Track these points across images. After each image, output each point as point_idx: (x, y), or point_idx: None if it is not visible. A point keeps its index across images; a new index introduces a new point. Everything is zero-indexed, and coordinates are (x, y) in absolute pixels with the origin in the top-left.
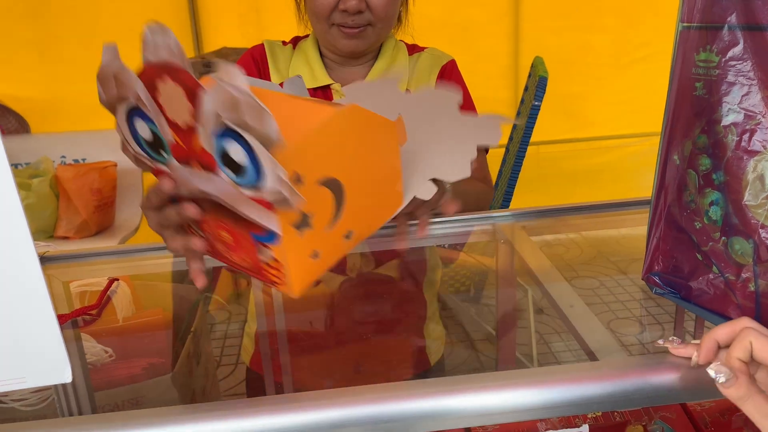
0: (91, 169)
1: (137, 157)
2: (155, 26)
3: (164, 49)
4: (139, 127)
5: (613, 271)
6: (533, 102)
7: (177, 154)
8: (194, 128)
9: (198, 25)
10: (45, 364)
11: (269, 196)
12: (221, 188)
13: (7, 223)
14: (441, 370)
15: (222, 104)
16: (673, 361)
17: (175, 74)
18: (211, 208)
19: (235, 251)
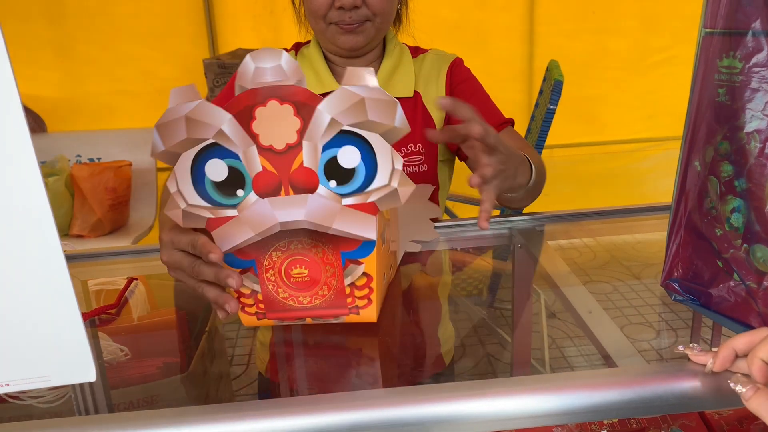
0: (106, 168)
1: (188, 211)
2: (261, 52)
3: (271, 72)
4: (212, 169)
5: (627, 276)
6: (548, 105)
7: (262, 185)
8: (297, 146)
9: (213, 27)
10: (69, 363)
11: (380, 192)
12: (316, 208)
13: (34, 222)
14: (453, 372)
15: (343, 109)
16: (693, 368)
17: (285, 93)
18: (284, 247)
19: (308, 289)
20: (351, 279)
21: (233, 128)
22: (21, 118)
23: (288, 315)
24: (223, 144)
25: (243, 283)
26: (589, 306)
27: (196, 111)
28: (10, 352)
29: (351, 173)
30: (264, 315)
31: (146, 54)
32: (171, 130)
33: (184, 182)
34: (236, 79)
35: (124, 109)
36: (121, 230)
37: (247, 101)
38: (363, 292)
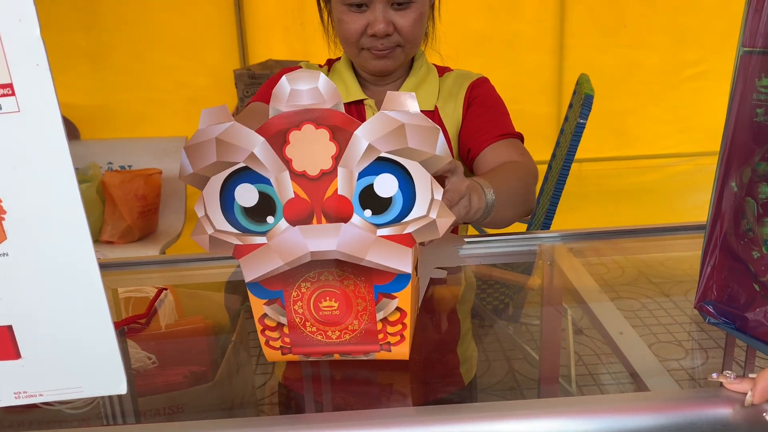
0: (136, 175)
1: (216, 237)
2: (298, 74)
3: (308, 95)
4: (242, 194)
5: (656, 293)
6: (578, 120)
7: (293, 212)
8: (331, 173)
9: (245, 38)
10: (101, 375)
11: (418, 224)
12: (349, 238)
13: (72, 238)
14: (474, 390)
15: (382, 135)
16: (729, 395)
17: (321, 117)
18: (314, 278)
19: (338, 323)
20: (383, 314)
21: (265, 152)
22: (60, 131)
23: (315, 350)
24: (255, 168)
25: (267, 313)
26: (619, 325)
27: (228, 133)
28: (44, 363)
29: (387, 202)
30: (289, 350)
31: (178, 64)
32: (201, 152)
33: (212, 207)
34: (271, 101)
35: (156, 117)
36: (150, 237)
37: (281, 124)
38: (396, 328)
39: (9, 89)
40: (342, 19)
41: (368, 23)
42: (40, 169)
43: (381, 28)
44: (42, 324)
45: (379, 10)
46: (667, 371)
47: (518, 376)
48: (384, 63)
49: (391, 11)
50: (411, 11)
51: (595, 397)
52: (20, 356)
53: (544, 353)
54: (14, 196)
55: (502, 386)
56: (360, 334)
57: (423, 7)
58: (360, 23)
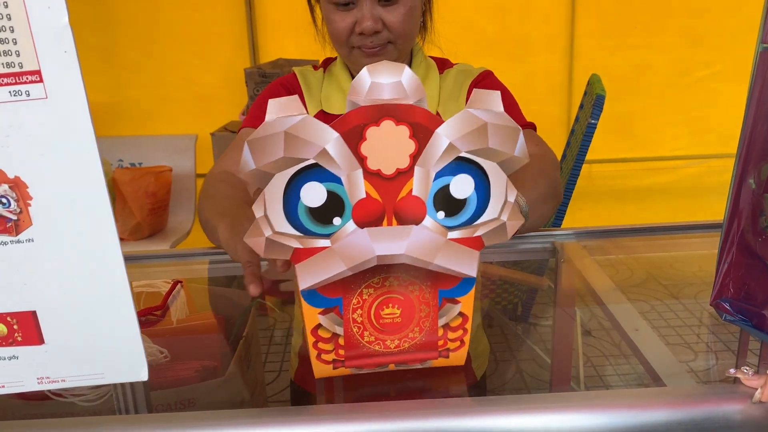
0: (147, 172)
1: (273, 240)
2: (379, 66)
3: (389, 89)
4: (308, 193)
5: (665, 296)
6: (589, 120)
7: (363, 214)
8: (407, 172)
9: (255, 36)
10: (123, 362)
11: (488, 226)
12: (418, 241)
13: (96, 225)
14: (486, 385)
15: (464, 134)
16: (746, 391)
17: (402, 113)
18: (378, 284)
19: (398, 332)
20: (446, 319)
21: (339, 149)
22: (87, 118)
23: (370, 362)
24: (325, 166)
25: (322, 324)
26: (635, 323)
27: (299, 127)
28: (67, 349)
29: (462, 204)
30: (342, 363)
31: (189, 61)
32: (266, 147)
33: (273, 206)
34: (349, 94)
35: (166, 115)
36: (160, 234)
37: (359, 119)
38: (456, 334)
39: (37, 76)
40: (330, 18)
41: (356, 21)
42: (66, 156)
43: (369, 26)
44: (65, 310)
45: (367, 7)
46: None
47: (525, 375)
48: (377, 61)
49: (379, 7)
50: (399, 6)
51: (611, 392)
52: (44, 342)
53: (557, 353)
54: (40, 183)
55: (512, 385)
56: (419, 342)
57: (413, 1)
58: (347, 21)
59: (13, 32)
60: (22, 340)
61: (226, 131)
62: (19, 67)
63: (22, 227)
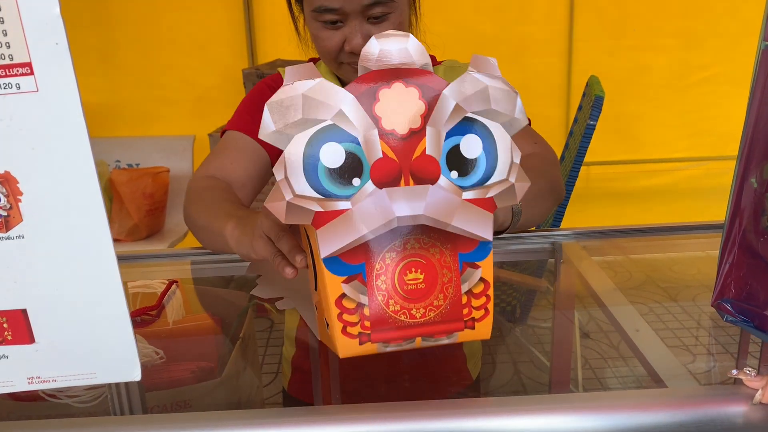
0: (144, 173)
1: (294, 204)
2: (387, 35)
3: (398, 54)
4: (327, 153)
5: (663, 298)
6: (588, 121)
7: (381, 173)
8: (420, 132)
9: (253, 37)
10: (116, 361)
11: (499, 187)
12: (436, 201)
13: (89, 221)
14: (481, 386)
15: (468, 95)
16: (748, 392)
17: (410, 75)
18: (400, 247)
19: (423, 298)
20: (468, 285)
21: (355, 109)
22: (79, 112)
23: (396, 335)
24: (343, 126)
25: (346, 293)
26: (636, 324)
27: (315, 89)
28: (58, 348)
29: (472, 164)
30: (368, 336)
31: (186, 62)
32: (285, 108)
33: (294, 168)
34: (360, 60)
35: (164, 116)
36: (157, 235)
37: (372, 81)
38: (480, 301)
39: (28, 68)
40: (318, 36)
41: (345, 39)
42: (57, 151)
43: (358, 45)
44: (57, 308)
45: (355, 26)
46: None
47: (523, 377)
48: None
49: (368, 25)
50: (388, 23)
51: (612, 393)
52: (34, 341)
53: (556, 355)
54: (31, 178)
55: (508, 388)
56: (445, 310)
57: (401, 17)
58: (336, 40)
59: (2, 23)
60: (12, 339)
61: None
62: (9, 59)
63: (12, 223)
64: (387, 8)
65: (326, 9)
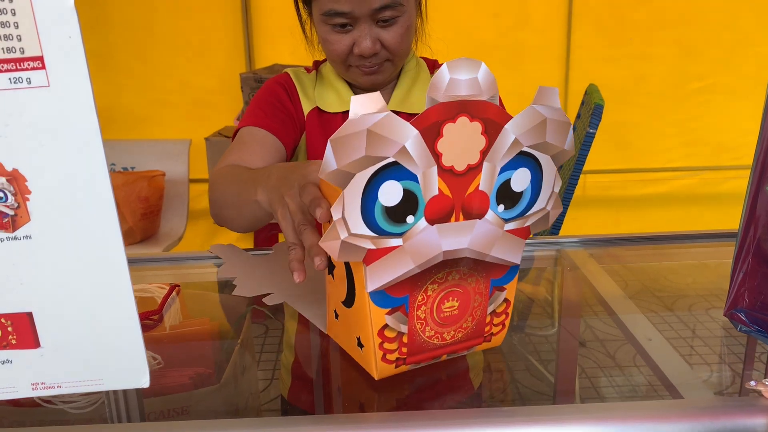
0: (139, 177)
1: (348, 242)
2: (458, 62)
3: (466, 85)
4: (386, 192)
5: (659, 307)
6: (587, 129)
7: (435, 210)
8: (477, 168)
9: (251, 41)
10: (124, 368)
11: (536, 216)
12: (480, 235)
13: (99, 222)
14: (484, 396)
15: (527, 128)
16: (767, 404)
17: (477, 109)
18: (442, 279)
19: (454, 323)
20: (493, 306)
21: (418, 146)
22: (91, 108)
23: (428, 356)
24: (404, 164)
25: (388, 324)
26: (648, 333)
27: (381, 124)
28: (64, 353)
29: (519, 197)
30: (404, 360)
31: (184, 66)
32: (349, 145)
33: (352, 208)
34: (429, 89)
35: (160, 119)
36: (152, 239)
37: (437, 116)
38: (500, 319)
39: (39, 62)
40: (326, 39)
41: (354, 42)
42: (68, 148)
43: (368, 48)
44: (63, 312)
45: (365, 29)
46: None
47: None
48: (374, 78)
49: (377, 28)
50: (397, 26)
51: (624, 404)
52: (39, 345)
53: (561, 364)
54: (40, 176)
55: (505, 396)
56: (470, 330)
57: (410, 20)
58: (345, 43)
59: (14, 15)
60: (17, 343)
61: (221, 136)
62: (20, 52)
63: (19, 223)
64: (396, 12)
65: (336, 13)
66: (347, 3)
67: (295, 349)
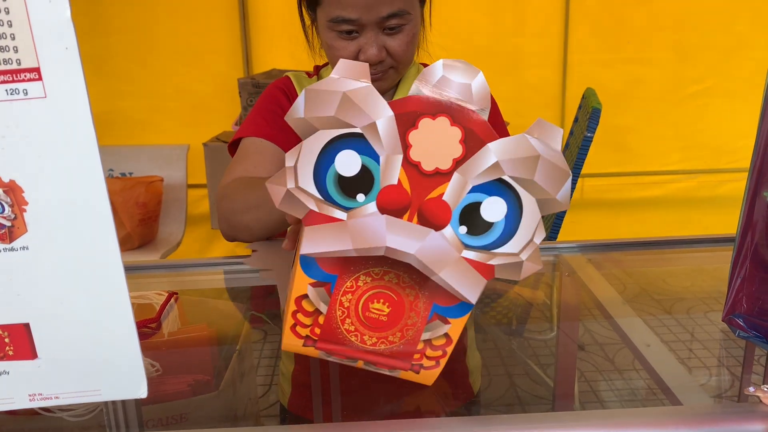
0: (137, 182)
1: (293, 194)
2: (456, 63)
3: (456, 88)
4: (343, 161)
5: (658, 311)
6: (585, 133)
7: (388, 200)
8: (446, 175)
9: (249, 47)
10: (121, 378)
11: (505, 259)
12: (432, 248)
13: (96, 233)
14: (482, 401)
15: (514, 157)
16: (766, 410)
17: (461, 115)
18: (378, 275)
19: (379, 330)
20: (430, 335)
21: (388, 127)
22: (88, 119)
23: (340, 350)
24: (369, 140)
25: (308, 295)
26: (646, 339)
27: (358, 93)
28: (62, 364)
29: (486, 227)
30: (314, 342)
31: (181, 71)
32: (322, 100)
33: (305, 161)
34: (418, 79)
35: (158, 124)
36: (150, 245)
37: (417, 107)
38: (435, 353)
39: (36, 74)
40: (332, 46)
41: (360, 49)
42: (65, 159)
43: (374, 55)
44: (61, 322)
45: (371, 37)
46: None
47: (518, 390)
48: (377, 85)
49: (383, 36)
50: (403, 34)
51: (623, 411)
52: (37, 356)
53: (560, 369)
54: (37, 187)
55: (504, 401)
56: (396, 348)
57: (415, 28)
58: (350, 50)
59: (11, 27)
60: (14, 354)
61: (219, 141)
62: (16, 63)
63: (16, 234)
64: (403, 20)
65: (343, 20)
66: (355, 10)
67: (294, 355)
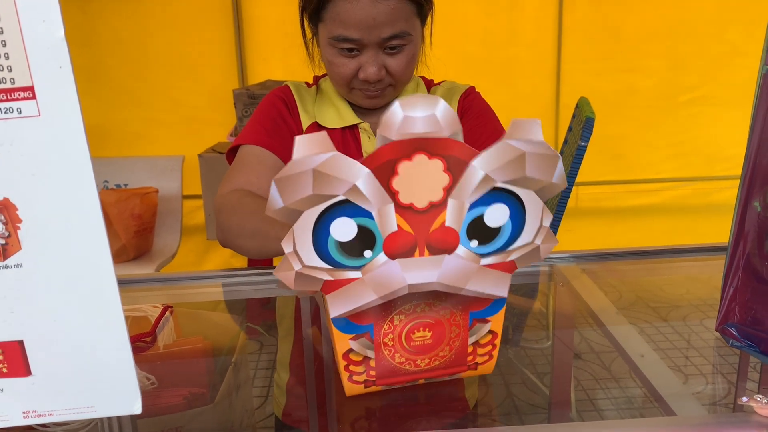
0: (132, 194)
1: (303, 273)
2: (412, 99)
3: (422, 123)
4: (338, 228)
5: (653, 318)
6: (579, 143)
7: (395, 246)
8: (441, 205)
9: (244, 58)
10: (116, 394)
11: (522, 251)
12: (451, 269)
13: (90, 250)
14: (478, 414)
15: (500, 165)
16: (760, 420)
17: (436, 146)
18: (409, 310)
19: (428, 351)
20: (476, 338)
21: (370, 184)
22: (82, 137)
23: (401, 380)
24: (356, 201)
25: (353, 348)
26: (640, 349)
27: (328, 164)
28: (56, 380)
29: (496, 232)
30: (373, 382)
31: (176, 83)
32: (294, 184)
33: (302, 243)
34: (379, 129)
35: (153, 136)
36: (145, 257)
37: (390, 155)
38: (486, 349)
39: (30, 92)
40: (332, 62)
41: (360, 67)
42: (59, 177)
43: (373, 74)
44: (55, 339)
45: (372, 56)
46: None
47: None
48: (376, 102)
49: (383, 55)
50: (403, 54)
51: (619, 422)
52: (31, 373)
53: (553, 377)
54: (31, 205)
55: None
56: (449, 359)
57: (415, 48)
58: (351, 67)
59: (5, 46)
60: (8, 371)
61: (214, 152)
62: (10, 83)
63: (10, 252)
64: (403, 41)
65: (345, 38)
66: (357, 31)
67: (290, 367)
